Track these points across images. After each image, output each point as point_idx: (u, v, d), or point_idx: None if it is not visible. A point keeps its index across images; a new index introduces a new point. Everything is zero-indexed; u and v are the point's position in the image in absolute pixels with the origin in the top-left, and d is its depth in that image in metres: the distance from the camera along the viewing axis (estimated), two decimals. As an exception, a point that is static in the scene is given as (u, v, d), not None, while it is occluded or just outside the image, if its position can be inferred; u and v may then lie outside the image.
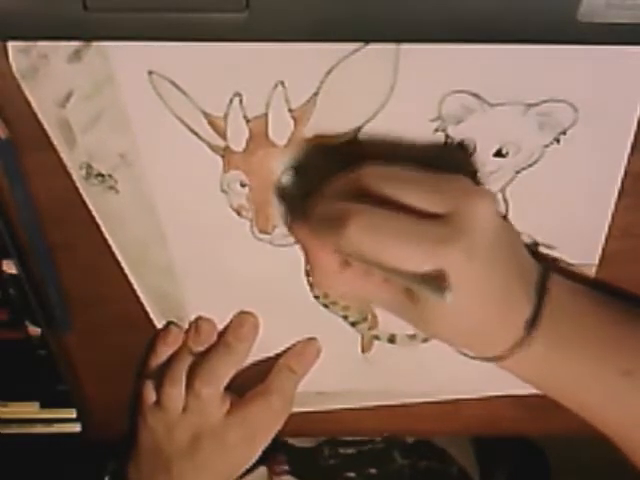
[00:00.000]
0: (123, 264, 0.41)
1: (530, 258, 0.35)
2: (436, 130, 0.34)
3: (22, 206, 0.38)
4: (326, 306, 0.42)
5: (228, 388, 0.44)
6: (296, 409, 0.46)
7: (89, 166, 0.37)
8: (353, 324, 0.43)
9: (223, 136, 0.35)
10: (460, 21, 0.29)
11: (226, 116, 0.34)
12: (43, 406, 0.48)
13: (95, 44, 0.32)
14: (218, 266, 0.41)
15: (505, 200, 0.37)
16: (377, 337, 0.44)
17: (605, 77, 0.32)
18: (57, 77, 0.33)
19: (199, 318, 0.44)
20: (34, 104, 0.34)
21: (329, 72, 0.32)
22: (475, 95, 0.33)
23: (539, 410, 0.46)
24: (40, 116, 0.35)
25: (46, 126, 0.35)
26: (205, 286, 0.42)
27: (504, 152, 0.35)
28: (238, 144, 0.35)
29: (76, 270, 0.42)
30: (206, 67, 0.32)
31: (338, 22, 0.30)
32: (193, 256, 0.40)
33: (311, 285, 0.41)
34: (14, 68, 0.33)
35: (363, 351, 0.44)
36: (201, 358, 0.44)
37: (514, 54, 0.31)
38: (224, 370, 0.44)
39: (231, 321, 0.44)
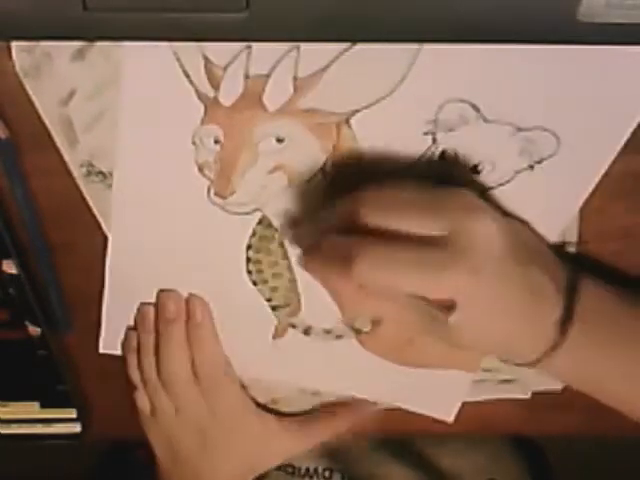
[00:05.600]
0: (108, 259, 0.41)
1: (556, 261, 0.35)
2: (425, 133, 0.34)
3: (22, 206, 0.38)
4: (255, 284, 0.42)
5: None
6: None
7: (90, 164, 0.37)
8: (274, 308, 0.43)
9: (216, 87, 0.34)
10: (460, 21, 0.29)
11: (227, 67, 0.33)
12: (43, 406, 0.48)
13: (99, 43, 0.32)
14: (163, 220, 0.39)
15: None
16: (293, 325, 0.43)
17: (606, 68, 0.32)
18: (60, 76, 0.33)
19: (141, 305, 0.43)
20: (36, 102, 0.34)
21: (346, 50, 0.32)
22: (475, 107, 0.33)
23: (539, 410, 0.46)
24: (42, 114, 0.35)
25: (48, 124, 0.35)
26: (141, 236, 0.40)
27: (479, 168, 0.35)
28: (228, 99, 0.34)
29: (76, 270, 0.42)
30: None
31: (338, 22, 0.30)
32: (140, 206, 0.38)
33: (248, 259, 0.40)
34: (17, 66, 0.33)
35: (274, 337, 0.44)
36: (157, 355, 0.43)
37: (524, 74, 0.32)
38: (173, 358, 0.42)
39: (156, 305, 0.42)
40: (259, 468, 0.48)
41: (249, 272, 0.41)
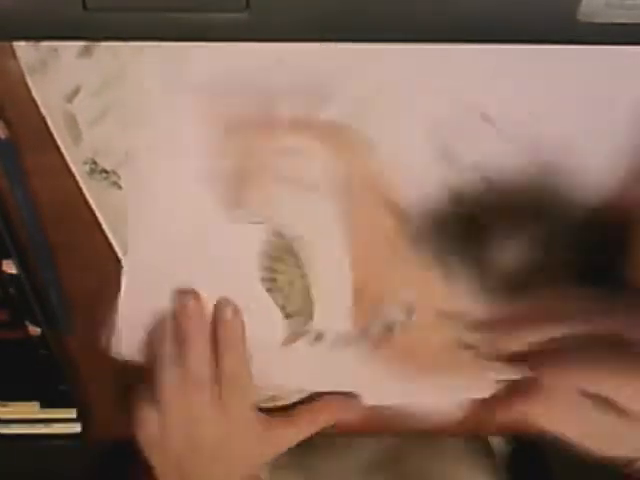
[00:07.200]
0: (124, 262, 0.41)
1: None
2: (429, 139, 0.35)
3: (22, 206, 0.38)
4: (269, 290, 0.42)
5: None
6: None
7: (93, 162, 0.36)
8: (287, 315, 0.43)
9: None
10: (460, 21, 0.29)
11: None
12: (43, 406, 0.48)
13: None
14: (174, 232, 0.39)
15: None
16: (305, 332, 0.44)
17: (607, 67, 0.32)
18: (66, 72, 0.33)
19: (158, 318, 0.43)
20: (39, 99, 0.34)
21: (365, 58, 0.32)
22: (485, 117, 0.34)
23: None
24: (45, 111, 0.34)
25: (50, 122, 0.35)
26: (155, 233, 0.40)
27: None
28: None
29: (77, 270, 0.42)
30: None
31: (339, 22, 0.30)
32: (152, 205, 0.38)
33: (261, 266, 0.41)
34: (22, 62, 0.33)
35: (285, 343, 0.44)
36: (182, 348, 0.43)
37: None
38: (199, 358, 0.42)
39: (180, 309, 0.42)
40: (252, 467, 0.48)
41: (263, 279, 0.41)
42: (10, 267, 0.40)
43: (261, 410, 0.47)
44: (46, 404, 0.48)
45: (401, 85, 0.33)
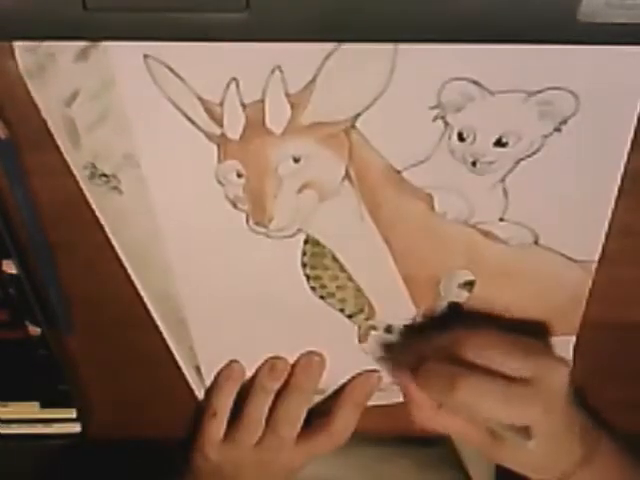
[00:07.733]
0: (126, 265, 0.41)
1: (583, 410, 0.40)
2: (435, 118, 0.34)
3: (22, 206, 0.38)
4: (322, 298, 0.42)
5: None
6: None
7: (93, 166, 0.37)
8: (350, 316, 0.43)
9: (219, 123, 0.34)
10: (460, 21, 0.29)
11: (222, 102, 0.34)
12: (43, 406, 0.48)
13: (101, 44, 0.32)
14: (214, 262, 0.41)
15: (505, 190, 0.37)
16: (374, 327, 0.44)
17: (606, 67, 0.32)
18: (63, 76, 0.33)
19: (273, 357, 0.46)
20: (39, 103, 0.34)
21: (327, 57, 0.32)
22: (475, 83, 0.33)
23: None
24: (45, 115, 0.35)
25: (51, 126, 0.35)
26: (202, 284, 0.42)
27: (504, 141, 0.35)
28: (234, 132, 0.35)
29: (77, 270, 0.42)
30: (203, 51, 0.32)
31: (338, 22, 0.30)
32: (189, 253, 0.40)
33: (307, 277, 0.41)
34: (20, 67, 0.33)
35: (360, 342, 0.45)
36: (278, 399, 0.46)
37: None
38: (300, 410, 0.46)
39: (299, 361, 0.46)
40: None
41: (313, 289, 0.42)
42: (10, 267, 0.40)
43: None
44: (46, 404, 0.48)
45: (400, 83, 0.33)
